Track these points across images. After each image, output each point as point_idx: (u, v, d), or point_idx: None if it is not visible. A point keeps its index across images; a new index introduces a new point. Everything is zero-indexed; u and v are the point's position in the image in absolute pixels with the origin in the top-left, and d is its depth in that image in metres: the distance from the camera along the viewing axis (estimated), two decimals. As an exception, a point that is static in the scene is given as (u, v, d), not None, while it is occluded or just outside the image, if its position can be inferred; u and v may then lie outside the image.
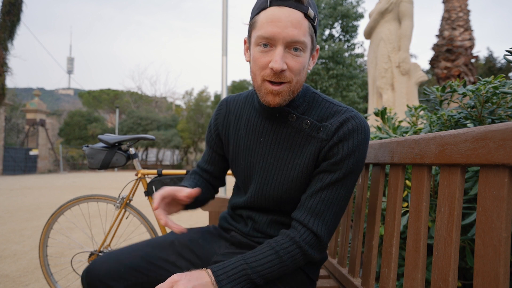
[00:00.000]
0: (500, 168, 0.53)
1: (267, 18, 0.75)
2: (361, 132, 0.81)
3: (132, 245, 0.94)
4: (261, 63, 0.77)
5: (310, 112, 0.87)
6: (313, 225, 0.79)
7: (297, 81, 0.79)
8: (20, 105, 23.83)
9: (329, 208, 0.80)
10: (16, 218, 4.56)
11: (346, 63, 14.86)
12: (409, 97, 5.82)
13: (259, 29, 0.77)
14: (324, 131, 0.83)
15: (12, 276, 2.37)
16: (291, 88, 0.79)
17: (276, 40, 0.75)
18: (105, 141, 1.79)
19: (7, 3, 13.96)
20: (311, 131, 0.84)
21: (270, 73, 0.76)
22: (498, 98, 0.99)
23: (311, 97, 0.89)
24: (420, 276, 0.71)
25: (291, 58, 0.76)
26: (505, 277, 0.51)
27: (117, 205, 1.84)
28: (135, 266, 0.87)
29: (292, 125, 0.86)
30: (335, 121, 0.82)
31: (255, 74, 0.80)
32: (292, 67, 0.76)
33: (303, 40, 0.75)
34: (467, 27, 10.00)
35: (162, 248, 0.94)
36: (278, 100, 0.79)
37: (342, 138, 0.80)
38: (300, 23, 0.74)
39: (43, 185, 10.13)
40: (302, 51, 0.77)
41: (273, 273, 0.76)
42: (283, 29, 0.73)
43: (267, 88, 0.78)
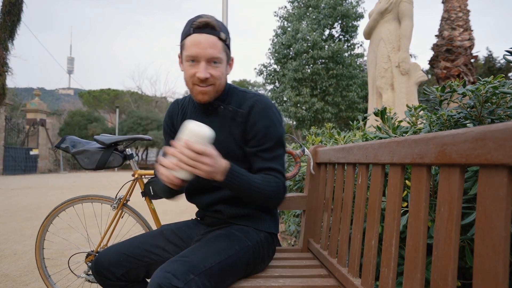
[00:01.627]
0: (499, 168, 0.53)
1: (191, 42, 1.04)
2: (267, 110, 1.13)
3: (130, 238, 1.18)
4: (190, 73, 1.07)
5: (231, 101, 1.17)
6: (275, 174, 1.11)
7: (219, 84, 1.10)
8: (20, 105, 23.83)
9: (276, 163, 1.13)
10: (16, 218, 4.56)
11: (346, 63, 14.85)
12: (409, 97, 5.81)
13: (187, 50, 1.05)
14: (240, 116, 1.14)
15: (12, 275, 2.37)
16: (214, 89, 1.10)
17: (200, 57, 1.04)
18: (101, 142, 1.78)
19: (7, 3, 13.95)
20: (233, 115, 1.15)
21: (197, 79, 1.06)
22: (498, 98, 0.99)
23: (231, 91, 1.20)
24: (419, 276, 0.71)
25: (212, 68, 1.07)
26: (505, 277, 0.51)
27: (114, 205, 1.84)
28: (131, 254, 1.11)
29: (222, 114, 1.17)
30: (245, 106, 1.14)
31: (187, 81, 1.10)
32: (213, 74, 1.07)
33: (219, 56, 1.06)
34: (467, 27, 10.00)
35: (154, 237, 1.19)
36: (206, 98, 1.10)
37: (255, 119, 1.12)
38: (215, 44, 1.05)
39: (43, 184, 10.13)
40: (219, 63, 1.08)
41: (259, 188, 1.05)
42: (203, 50, 1.03)
43: (197, 89, 1.09)
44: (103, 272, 1.10)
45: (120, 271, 1.10)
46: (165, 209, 5.53)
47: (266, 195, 1.06)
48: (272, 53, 16.15)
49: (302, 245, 1.54)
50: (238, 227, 1.17)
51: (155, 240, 1.17)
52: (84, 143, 1.85)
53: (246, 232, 1.15)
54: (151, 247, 1.14)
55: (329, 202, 1.37)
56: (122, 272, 1.10)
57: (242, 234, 1.13)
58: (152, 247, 1.14)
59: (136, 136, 1.82)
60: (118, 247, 1.13)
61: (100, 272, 1.10)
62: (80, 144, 1.83)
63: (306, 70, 14.71)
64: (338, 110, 14.67)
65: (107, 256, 1.11)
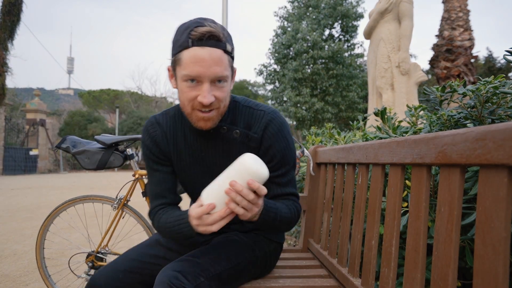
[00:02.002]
0: (499, 168, 0.53)
1: (191, 58, 0.83)
2: (282, 131, 1.00)
3: (125, 253, 1.07)
4: (190, 96, 0.87)
5: (237, 121, 1.00)
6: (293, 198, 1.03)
7: (224, 106, 0.92)
8: (20, 105, 23.83)
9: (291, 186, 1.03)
10: (16, 218, 4.56)
11: (346, 63, 14.85)
12: (409, 97, 5.81)
13: (184, 67, 0.84)
14: (252, 140, 0.99)
15: (12, 275, 2.37)
16: (219, 112, 0.92)
17: (203, 78, 0.84)
18: (101, 142, 1.78)
19: (7, 3, 13.95)
20: (242, 139, 1.00)
21: (199, 104, 0.87)
22: (498, 98, 0.99)
23: (233, 107, 1.01)
24: (419, 276, 0.71)
25: (217, 89, 0.87)
26: (505, 277, 0.51)
27: (114, 206, 1.84)
28: (130, 269, 1.01)
29: (225, 136, 1.00)
30: (258, 128, 0.99)
31: (184, 104, 0.90)
32: (218, 96, 0.88)
33: (226, 74, 0.87)
34: (467, 27, 10.00)
35: (151, 246, 1.09)
36: (209, 125, 0.92)
37: (270, 142, 0.98)
38: (221, 60, 0.85)
39: (43, 185, 10.13)
40: (225, 82, 0.88)
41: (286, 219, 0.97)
42: (207, 68, 0.83)
43: (198, 115, 0.89)
44: None
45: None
46: (165, 209, 5.52)
47: (289, 223, 0.99)
48: (272, 53, 16.16)
49: (302, 245, 1.54)
50: (248, 234, 1.10)
51: (153, 250, 1.08)
52: (84, 143, 1.85)
53: (256, 240, 1.08)
54: (150, 258, 1.05)
55: (329, 202, 1.37)
56: None
57: (252, 242, 1.07)
58: (151, 258, 1.05)
59: (137, 136, 1.82)
60: (114, 264, 1.02)
61: None
62: (80, 144, 1.83)
63: (306, 70, 14.71)
64: (338, 110, 14.67)
65: (102, 277, 0.99)
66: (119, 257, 1.05)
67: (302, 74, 14.40)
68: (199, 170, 1.04)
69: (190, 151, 1.03)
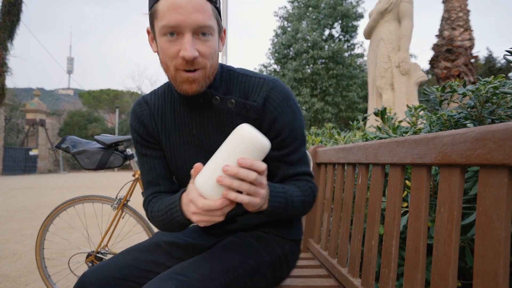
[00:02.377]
0: (499, 168, 0.53)
1: (168, 6, 0.71)
2: (288, 99, 0.85)
3: (120, 254, 0.92)
4: (171, 53, 0.74)
5: (232, 90, 0.87)
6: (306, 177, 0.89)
7: (211, 65, 0.78)
8: (20, 105, 23.83)
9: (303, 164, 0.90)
10: (16, 218, 4.56)
11: (346, 63, 14.86)
12: (409, 97, 5.82)
13: (161, 18, 0.73)
14: (252, 110, 0.84)
15: (12, 276, 2.37)
16: (206, 74, 0.78)
17: (183, 28, 0.72)
18: (101, 142, 1.78)
19: (7, 3, 13.95)
20: (238, 110, 0.85)
21: (182, 62, 0.74)
22: (498, 98, 0.99)
23: (227, 75, 0.88)
24: (420, 276, 0.71)
25: (201, 43, 0.74)
26: (505, 277, 0.51)
27: (114, 206, 1.84)
28: (125, 277, 0.86)
29: (218, 108, 0.86)
30: (258, 97, 0.84)
31: (166, 65, 0.77)
32: (203, 52, 0.75)
33: (210, 24, 0.74)
34: (467, 27, 10.00)
35: (149, 251, 0.93)
36: (195, 87, 0.78)
37: (276, 114, 0.84)
38: (203, 7, 0.73)
39: (43, 185, 10.13)
40: (210, 35, 0.75)
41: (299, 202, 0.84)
42: (187, 16, 0.71)
43: (182, 76, 0.76)
44: None
45: None
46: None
47: (304, 207, 0.86)
48: (272, 53, 16.16)
49: (302, 245, 1.54)
50: (256, 234, 0.93)
51: (152, 255, 0.92)
52: (84, 143, 1.85)
53: (266, 241, 0.91)
54: (149, 265, 0.89)
55: (329, 202, 1.37)
56: None
57: (261, 244, 0.89)
58: (149, 265, 0.90)
59: (136, 136, 1.82)
60: (106, 269, 0.87)
61: None
62: (80, 144, 1.83)
63: (306, 70, 14.72)
64: (338, 110, 14.68)
65: (94, 278, 0.85)
66: (112, 258, 0.91)
67: (302, 74, 14.40)
68: (190, 151, 0.90)
69: (180, 129, 0.90)
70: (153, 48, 0.83)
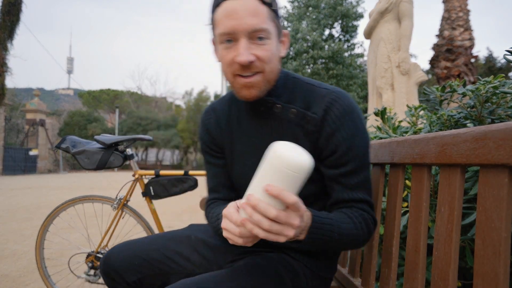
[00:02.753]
0: (500, 168, 0.53)
1: (223, 13, 0.73)
2: (350, 113, 0.78)
3: (149, 237, 0.96)
4: (228, 59, 0.75)
5: (295, 99, 0.83)
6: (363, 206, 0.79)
7: (270, 69, 0.76)
8: (20, 105, 23.82)
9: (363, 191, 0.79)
10: (16, 218, 4.56)
11: (346, 63, 14.86)
12: (409, 97, 5.82)
13: (218, 26, 0.74)
14: (311, 121, 0.80)
15: (12, 276, 2.37)
16: (265, 78, 0.76)
17: (237, 33, 0.72)
18: (101, 142, 1.78)
19: (7, 3, 13.95)
20: (299, 120, 0.81)
21: (238, 67, 0.74)
22: (498, 98, 0.99)
23: (292, 83, 0.85)
24: (420, 276, 0.71)
25: (257, 47, 0.73)
26: (505, 277, 0.51)
27: (114, 206, 1.84)
28: (149, 259, 0.89)
29: (279, 117, 0.83)
30: (318, 108, 0.79)
31: (226, 72, 0.78)
32: (260, 56, 0.73)
33: (265, 27, 0.72)
34: (467, 27, 10.00)
35: (178, 241, 0.94)
36: (254, 92, 0.76)
37: (334, 127, 0.77)
38: (257, 11, 0.72)
39: (43, 185, 10.13)
40: (267, 39, 0.74)
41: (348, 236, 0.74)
42: (241, 20, 0.71)
43: (240, 82, 0.76)
44: (112, 274, 0.90)
45: (132, 277, 0.89)
46: (165, 210, 5.53)
47: (355, 242, 0.76)
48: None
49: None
50: (286, 261, 0.85)
51: (179, 246, 0.93)
52: (84, 143, 1.84)
53: (294, 272, 0.83)
54: (174, 255, 0.91)
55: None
56: (135, 279, 0.89)
57: (287, 275, 0.82)
58: (175, 254, 0.91)
59: (137, 136, 1.82)
60: (133, 247, 0.92)
61: (108, 274, 0.91)
62: (80, 144, 1.83)
63: (306, 70, 14.72)
64: (338, 110, 14.67)
65: (119, 256, 0.90)
66: (141, 239, 0.94)
67: (302, 74, 14.40)
68: (251, 160, 0.87)
69: (243, 137, 0.89)
70: (217, 58, 0.83)
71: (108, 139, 1.79)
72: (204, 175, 1.06)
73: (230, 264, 0.90)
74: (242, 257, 0.90)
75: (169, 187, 1.76)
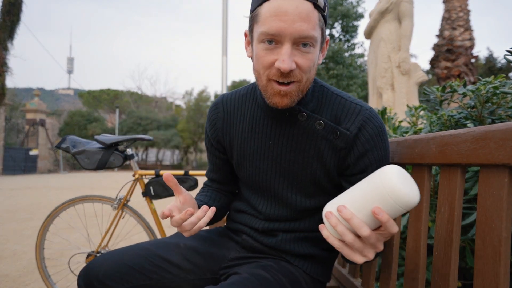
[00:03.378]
0: (500, 168, 0.53)
1: (271, 11, 0.66)
2: (383, 134, 0.77)
3: (135, 245, 0.90)
4: (266, 62, 0.70)
5: (322, 110, 0.79)
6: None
7: (306, 79, 0.72)
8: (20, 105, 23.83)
9: None
10: (16, 218, 4.56)
11: (346, 63, 14.87)
12: (409, 97, 5.82)
13: (262, 23, 0.68)
14: (342, 138, 0.76)
15: (12, 276, 2.37)
16: (300, 88, 0.72)
17: (283, 37, 0.66)
18: (101, 142, 1.78)
19: (7, 3, 13.96)
20: (326, 133, 0.78)
21: (276, 73, 0.69)
22: (498, 98, 0.99)
23: (320, 92, 0.81)
24: (420, 276, 0.71)
25: (300, 55, 0.68)
26: (505, 277, 0.51)
27: (114, 206, 1.84)
28: (137, 267, 0.83)
29: (303, 126, 0.79)
30: (351, 126, 0.76)
31: (259, 73, 0.73)
32: (301, 65, 0.69)
33: (313, 35, 0.67)
34: (467, 27, 10.00)
35: (167, 249, 0.89)
36: (286, 102, 0.72)
37: (368, 147, 0.75)
38: (309, 16, 0.66)
39: (43, 185, 10.13)
40: (311, 47, 0.69)
41: None
42: (290, 24, 0.65)
43: (274, 88, 0.71)
44: (95, 285, 0.81)
45: (118, 287, 0.81)
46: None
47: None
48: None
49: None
50: (287, 271, 0.83)
51: (167, 253, 0.88)
52: (84, 143, 1.85)
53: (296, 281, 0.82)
54: (163, 262, 0.86)
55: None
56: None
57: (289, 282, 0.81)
58: (164, 262, 0.86)
59: (137, 136, 1.82)
60: (119, 254, 0.85)
61: (91, 285, 0.81)
62: (80, 144, 1.83)
63: (306, 70, 14.73)
64: (338, 110, 14.68)
65: (103, 265, 0.82)
66: (126, 247, 0.89)
67: (302, 74, 14.41)
68: (262, 161, 0.85)
69: (256, 136, 0.85)
70: (248, 53, 0.78)
71: (108, 139, 1.79)
72: (204, 175, 1.08)
73: (225, 270, 0.89)
74: (237, 263, 0.89)
75: (169, 187, 1.76)
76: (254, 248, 0.90)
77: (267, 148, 0.84)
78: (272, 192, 0.86)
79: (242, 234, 0.93)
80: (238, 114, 0.88)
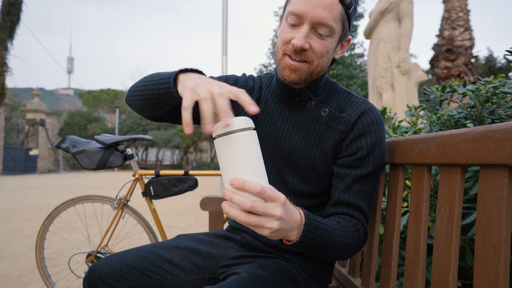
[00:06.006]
0: (500, 168, 0.53)
1: None
2: (380, 125, 0.83)
3: (137, 247, 0.94)
4: (285, 37, 0.77)
5: (329, 101, 0.87)
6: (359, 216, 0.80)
7: (318, 64, 0.78)
8: (20, 105, 23.84)
9: (364, 200, 0.81)
10: (16, 218, 4.56)
11: (346, 63, 14.86)
12: (409, 97, 5.82)
13: (292, 4, 0.76)
14: (343, 122, 0.82)
15: (12, 276, 2.37)
16: (310, 69, 0.79)
17: (304, 18, 0.74)
18: (101, 142, 1.78)
19: (7, 3, 13.96)
20: (329, 120, 0.84)
21: (291, 48, 0.76)
22: (498, 98, 0.99)
23: (330, 87, 0.89)
24: (420, 276, 0.71)
25: (316, 39, 0.76)
26: (505, 277, 0.51)
27: (114, 206, 1.84)
28: (138, 267, 0.86)
29: (310, 113, 0.86)
30: (353, 112, 0.83)
31: (278, 47, 0.80)
32: (315, 48, 0.76)
33: (331, 24, 0.74)
34: (467, 27, 10.00)
35: (167, 250, 0.92)
36: (294, 77, 0.79)
37: (363, 131, 0.81)
38: (331, 6, 0.73)
39: (43, 185, 10.13)
40: (328, 36, 0.76)
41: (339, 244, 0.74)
42: (313, 8, 0.73)
43: (286, 62, 0.78)
44: (98, 284, 0.85)
45: (120, 286, 0.84)
46: (165, 209, 5.53)
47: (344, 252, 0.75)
48: (272, 53, 16.17)
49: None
50: (286, 270, 0.84)
51: (169, 254, 0.91)
52: (84, 143, 1.85)
53: (295, 280, 0.84)
54: (163, 263, 0.89)
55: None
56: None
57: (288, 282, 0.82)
58: (164, 262, 0.89)
59: (137, 136, 1.82)
60: (121, 255, 0.89)
61: (94, 284, 0.85)
62: (80, 144, 1.83)
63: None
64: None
65: (106, 265, 0.86)
66: (127, 250, 0.93)
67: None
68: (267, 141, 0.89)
69: (265, 117, 0.91)
70: (278, 32, 0.85)
71: (108, 139, 1.79)
72: (204, 175, 1.05)
73: (224, 269, 0.90)
74: (236, 262, 0.90)
75: (169, 187, 1.76)
76: (253, 246, 0.92)
77: (274, 129, 0.89)
78: (272, 171, 0.89)
79: (242, 233, 0.95)
80: (261, 93, 0.95)
